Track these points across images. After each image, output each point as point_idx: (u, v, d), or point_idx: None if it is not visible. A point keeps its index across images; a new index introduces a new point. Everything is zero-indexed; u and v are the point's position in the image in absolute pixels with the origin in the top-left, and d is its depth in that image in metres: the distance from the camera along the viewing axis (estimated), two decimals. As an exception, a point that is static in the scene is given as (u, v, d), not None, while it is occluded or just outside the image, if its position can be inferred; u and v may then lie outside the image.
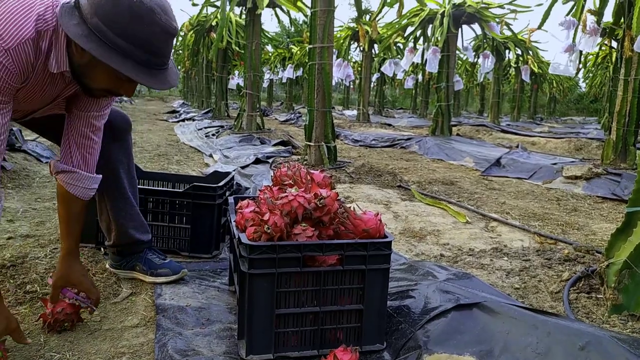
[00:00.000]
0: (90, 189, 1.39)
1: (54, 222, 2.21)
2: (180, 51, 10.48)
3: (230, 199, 1.57)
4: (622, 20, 4.26)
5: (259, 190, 1.42)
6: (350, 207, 1.28)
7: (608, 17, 4.71)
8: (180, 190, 1.94)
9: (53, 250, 1.83)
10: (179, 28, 8.92)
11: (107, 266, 1.70)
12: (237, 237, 1.22)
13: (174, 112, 11.22)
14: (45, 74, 1.17)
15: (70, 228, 1.37)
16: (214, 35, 6.93)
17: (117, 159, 1.58)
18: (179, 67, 12.43)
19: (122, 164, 1.60)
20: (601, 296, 1.45)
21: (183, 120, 8.67)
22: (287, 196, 1.21)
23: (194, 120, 8.36)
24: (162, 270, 1.63)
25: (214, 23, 8.13)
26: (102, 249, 1.87)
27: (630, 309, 1.35)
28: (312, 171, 1.34)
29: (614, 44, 5.33)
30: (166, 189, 2.08)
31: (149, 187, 2.02)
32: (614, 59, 5.98)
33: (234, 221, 1.31)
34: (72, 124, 1.35)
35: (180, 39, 9.55)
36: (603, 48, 7.25)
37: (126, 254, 1.65)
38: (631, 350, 1.02)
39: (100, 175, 1.42)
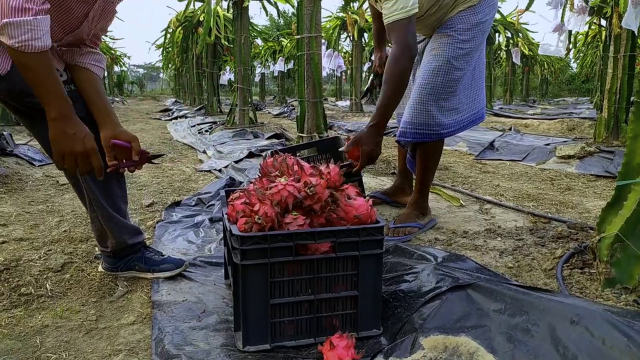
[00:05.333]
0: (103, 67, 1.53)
1: (47, 225, 2.20)
2: (170, 48, 10.39)
3: (222, 192, 1.57)
4: (609, -3, 4.25)
5: (250, 182, 1.42)
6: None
7: (596, -6, 4.70)
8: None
9: (47, 252, 1.83)
10: (167, 25, 8.70)
11: (101, 269, 1.67)
12: (228, 229, 1.22)
13: (166, 110, 11.16)
14: None
15: (104, 102, 1.43)
16: (202, 31, 6.88)
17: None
18: (169, 65, 12.34)
19: (114, 175, 1.54)
20: (594, 271, 1.46)
21: (176, 118, 8.63)
22: (276, 186, 1.21)
23: (186, 117, 8.32)
24: (164, 265, 1.63)
25: (201, 18, 8.06)
26: (96, 248, 1.86)
27: (623, 282, 1.36)
28: (300, 161, 1.33)
29: (603, 22, 5.32)
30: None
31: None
32: (603, 37, 5.97)
33: (226, 214, 1.31)
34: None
35: (168, 36, 9.47)
36: (592, 27, 7.25)
37: (122, 256, 1.63)
38: (624, 322, 1.03)
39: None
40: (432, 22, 1.97)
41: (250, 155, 4.01)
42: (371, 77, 2.40)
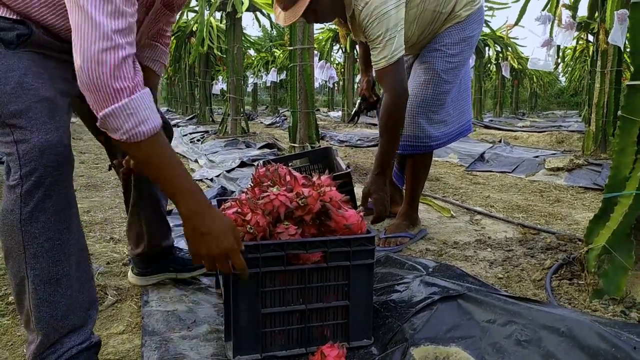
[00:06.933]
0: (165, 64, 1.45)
1: (36, 233, 2.18)
2: (162, 58, 10.40)
3: (214, 202, 1.57)
4: (596, 14, 4.34)
5: (242, 192, 1.42)
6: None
7: (583, 11, 4.80)
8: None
9: (36, 261, 1.81)
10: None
11: (131, 274, 1.64)
12: (220, 238, 1.22)
13: (157, 119, 11.10)
14: None
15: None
16: (195, 41, 6.91)
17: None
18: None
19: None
20: (582, 282, 1.48)
21: (167, 127, 8.61)
22: (268, 195, 1.21)
23: (178, 126, 8.31)
24: (191, 265, 1.63)
25: (194, 28, 8.10)
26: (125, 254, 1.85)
27: (611, 293, 1.38)
28: (293, 171, 1.34)
29: (590, 37, 5.43)
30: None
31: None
32: (590, 52, 6.09)
33: (217, 223, 1.31)
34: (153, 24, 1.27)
35: (161, 45, 9.48)
36: (580, 42, 7.39)
37: (154, 260, 1.62)
38: (612, 333, 1.04)
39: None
40: (423, 44, 2.02)
41: (242, 164, 4.01)
42: (358, 101, 2.41)
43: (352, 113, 2.46)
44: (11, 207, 0.93)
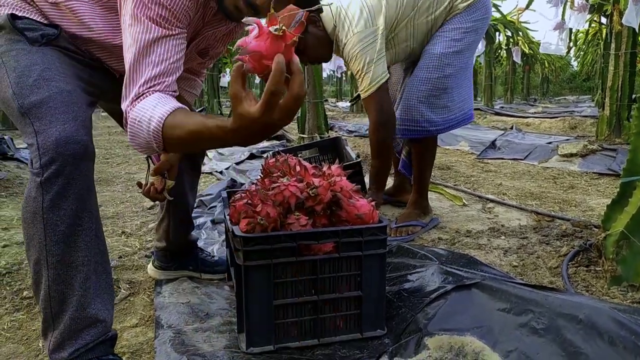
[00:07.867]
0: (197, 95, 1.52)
1: (49, 228, 2.20)
2: (170, 52, 10.41)
3: (224, 193, 1.56)
4: (610, -6, 4.25)
5: (252, 183, 1.41)
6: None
7: (596, -8, 4.69)
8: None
9: (49, 256, 1.82)
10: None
11: (151, 267, 1.64)
12: (231, 230, 1.21)
13: (167, 113, 11.13)
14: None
15: None
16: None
17: (186, 179, 1.51)
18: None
19: (190, 183, 1.55)
20: (600, 269, 1.45)
21: (176, 121, 8.62)
22: (279, 186, 1.20)
23: (187, 120, 8.32)
24: (218, 268, 1.64)
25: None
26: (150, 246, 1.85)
27: (629, 280, 1.35)
28: (303, 161, 1.32)
29: (603, 19, 5.31)
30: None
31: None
32: (604, 35, 5.96)
33: (228, 215, 1.30)
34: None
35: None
36: (593, 25, 7.24)
37: (177, 257, 1.63)
38: (631, 320, 1.02)
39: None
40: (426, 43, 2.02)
41: (252, 156, 4.01)
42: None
43: (355, 96, 2.46)
44: (34, 194, 0.96)
